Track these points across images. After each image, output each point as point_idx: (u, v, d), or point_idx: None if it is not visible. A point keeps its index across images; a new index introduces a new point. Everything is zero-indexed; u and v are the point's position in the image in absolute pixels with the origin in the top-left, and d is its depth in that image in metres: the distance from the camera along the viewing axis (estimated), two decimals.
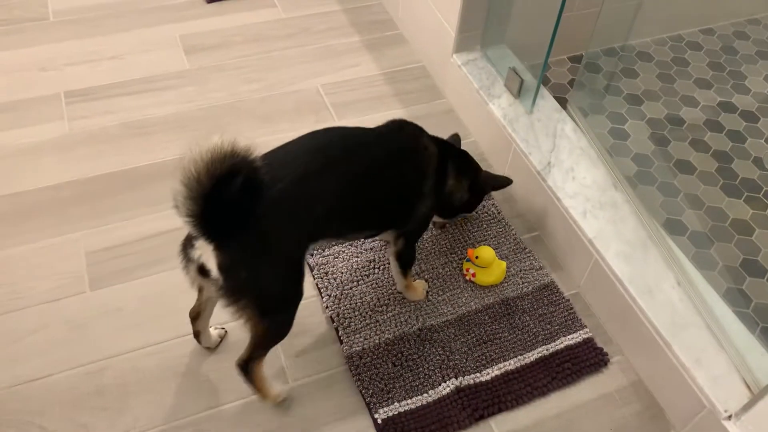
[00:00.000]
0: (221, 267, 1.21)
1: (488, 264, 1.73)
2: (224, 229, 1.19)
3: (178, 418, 1.49)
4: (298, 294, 1.37)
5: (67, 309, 1.66)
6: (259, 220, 1.21)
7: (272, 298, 1.31)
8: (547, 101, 2.02)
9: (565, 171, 1.84)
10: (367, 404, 1.53)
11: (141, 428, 1.47)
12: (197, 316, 1.53)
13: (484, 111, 2.06)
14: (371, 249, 1.82)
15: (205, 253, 1.23)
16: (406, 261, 1.64)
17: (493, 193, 2.00)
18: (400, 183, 1.49)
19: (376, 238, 1.70)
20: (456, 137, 1.80)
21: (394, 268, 1.67)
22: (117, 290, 1.71)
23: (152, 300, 1.69)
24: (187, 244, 1.30)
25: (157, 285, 1.72)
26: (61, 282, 1.71)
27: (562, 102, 2.06)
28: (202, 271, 1.26)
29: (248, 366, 1.41)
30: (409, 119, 1.57)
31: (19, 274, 1.72)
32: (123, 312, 1.66)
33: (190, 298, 1.70)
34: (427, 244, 1.84)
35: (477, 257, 1.73)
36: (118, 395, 1.52)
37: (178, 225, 1.82)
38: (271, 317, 1.33)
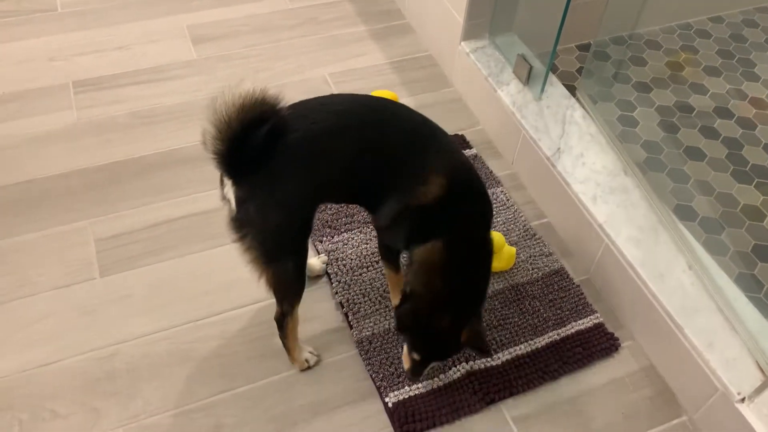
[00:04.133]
0: (238, 200, 1.28)
1: (497, 250, 1.73)
2: (244, 168, 1.24)
3: (189, 402, 1.49)
4: (300, 248, 1.39)
5: (76, 295, 1.66)
6: (272, 161, 1.25)
7: (273, 240, 1.32)
8: (556, 88, 2.02)
9: (575, 157, 1.84)
10: (378, 388, 1.52)
11: (152, 412, 1.47)
12: None
13: (492, 98, 2.05)
14: None
15: (229, 188, 1.30)
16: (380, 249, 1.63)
17: (503, 180, 1.99)
18: (384, 172, 1.36)
19: None
20: None
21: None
22: (126, 277, 1.71)
23: (161, 286, 1.69)
24: (222, 181, 1.35)
25: (166, 271, 1.72)
26: (70, 269, 1.71)
27: (571, 90, 2.05)
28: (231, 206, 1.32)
29: (282, 321, 1.45)
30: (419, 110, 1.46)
31: (29, 262, 1.72)
32: (132, 298, 1.66)
33: (200, 285, 1.70)
34: None
35: None
36: (128, 380, 1.52)
37: (186, 213, 1.85)
38: (274, 265, 1.35)
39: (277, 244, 1.34)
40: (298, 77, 2.28)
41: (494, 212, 1.89)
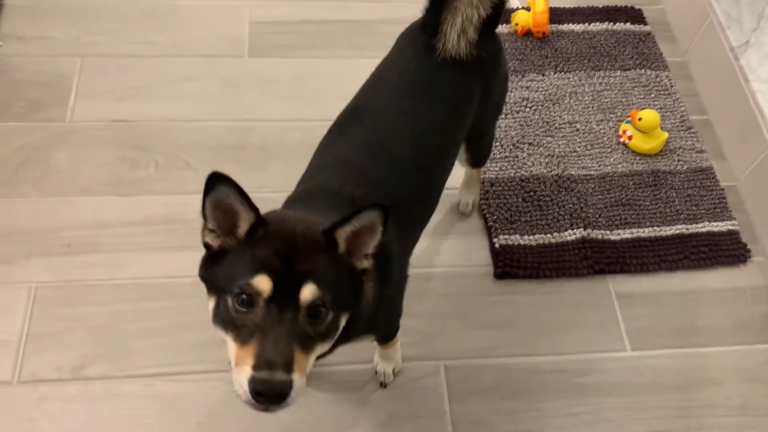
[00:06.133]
0: None
1: (650, 129, 1.62)
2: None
3: None
4: None
5: (224, 67, 1.71)
6: None
7: None
8: None
9: (763, 54, 1.65)
10: (489, 228, 1.51)
11: (273, 188, 1.51)
12: None
13: None
14: (526, 87, 1.74)
15: None
16: None
17: (671, 67, 1.84)
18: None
19: None
20: None
21: None
22: (274, 63, 1.73)
23: (305, 80, 1.71)
24: None
25: (311, 68, 1.73)
26: (222, 42, 1.75)
27: None
28: None
29: None
30: None
31: (185, 25, 1.77)
32: (276, 84, 1.70)
33: (341, 89, 1.70)
34: (586, 98, 1.74)
35: (640, 119, 1.62)
36: (257, 155, 1.58)
37: (341, 18, 1.83)
38: None
39: None
40: None
41: (654, 94, 1.76)
